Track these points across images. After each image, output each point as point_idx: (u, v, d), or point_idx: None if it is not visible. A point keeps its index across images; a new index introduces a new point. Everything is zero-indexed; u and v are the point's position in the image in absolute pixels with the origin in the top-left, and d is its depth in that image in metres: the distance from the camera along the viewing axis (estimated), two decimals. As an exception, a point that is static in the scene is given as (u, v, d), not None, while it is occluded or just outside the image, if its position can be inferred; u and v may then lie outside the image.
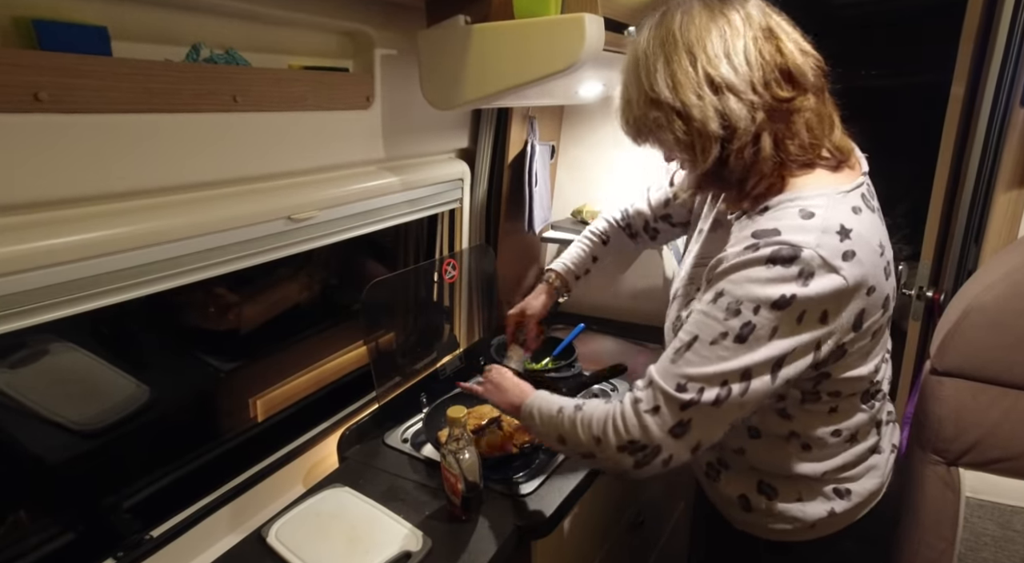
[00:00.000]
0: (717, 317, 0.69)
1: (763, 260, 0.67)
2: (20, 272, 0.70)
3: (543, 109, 1.61)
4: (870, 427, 0.85)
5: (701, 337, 0.70)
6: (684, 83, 0.70)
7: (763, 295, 0.67)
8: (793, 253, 0.66)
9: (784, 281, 0.66)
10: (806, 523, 0.84)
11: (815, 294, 0.66)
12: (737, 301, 0.68)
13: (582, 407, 0.80)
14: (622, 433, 0.73)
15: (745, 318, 0.67)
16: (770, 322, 0.67)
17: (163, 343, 1.19)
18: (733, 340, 0.68)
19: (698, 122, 0.70)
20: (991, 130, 1.27)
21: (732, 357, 0.68)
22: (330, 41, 1.09)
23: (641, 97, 0.74)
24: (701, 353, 0.70)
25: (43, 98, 0.66)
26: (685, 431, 0.71)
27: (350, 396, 1.39)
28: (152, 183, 0.83)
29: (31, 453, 0.97)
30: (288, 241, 1.05)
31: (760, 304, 0.67)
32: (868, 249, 0.70)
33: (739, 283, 0.68)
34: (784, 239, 0.68)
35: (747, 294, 0.68)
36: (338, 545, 0.93)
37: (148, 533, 0.98)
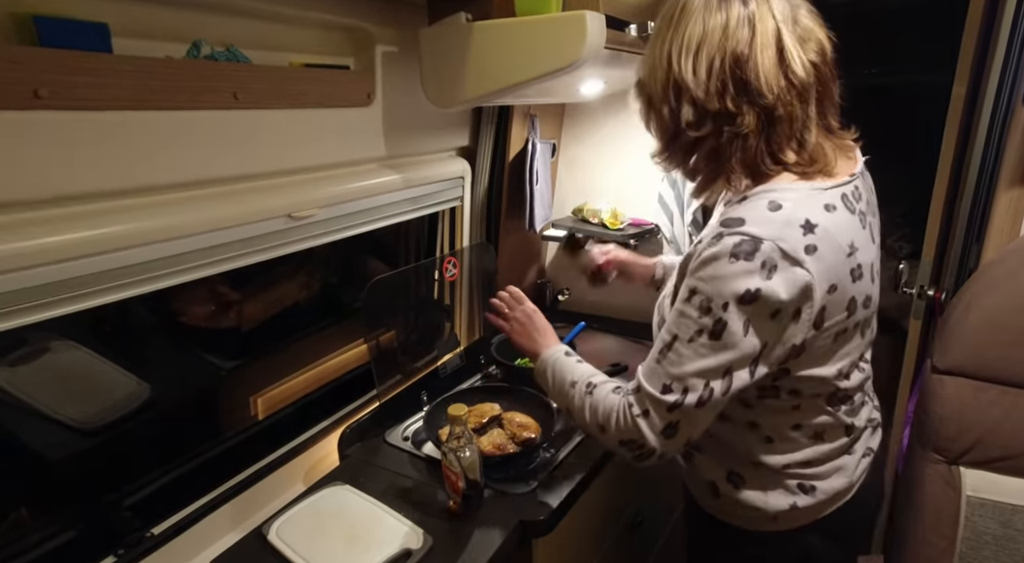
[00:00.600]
0: (692, 316, 0.71)
1: (727, 254, 0.68)
2: (20, 269, 0.70)
3: (544, 107, 1.61)
4: (838, 430, 0.84)
5: (680, 336, 0.72)
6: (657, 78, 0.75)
7: (728, 291, 0.68)
8: (753, 246, 0.67)
9: (748, 274, 0.67)
10: (767, 514, 0.85)
11: (783, 289, 0.67)
12: (708, 298, 0.70)
13: (592, 391, 0.82)
14: (622, 430, 0.76)
15: (716, 315, 0.69)
16: (741, 317, 0.68)
17: (164, 341, 1.19)
18: (709, 337, 0.70)
19: (655, 112, 0.77)
20: (993, 128, 1.27)
21: (710, 354, 0.70)
22: (331, 38, 1.08)
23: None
24: (681, 352, 0.72)
25: (43, 95, 0.66)
26: (675, 432, 0.74)
27: (351, 394, 1.39)
28: (152, 181, 0.83)
29: (32, 450, 0.97)
30: (289, 239, 1.05)
31: (728, 300, 0.68)
32: (833, 246, 0.71)
33: (707, 280, 0.70)
34: (746, 230, 0.69)
35: (715, 290, 0.69)
36: (339, 543, 0.93)
37: (149, 531, 0.98)
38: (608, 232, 1.60)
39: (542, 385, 0.92)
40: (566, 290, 1.85)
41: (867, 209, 0.80)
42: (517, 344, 1.01)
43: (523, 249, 1.79)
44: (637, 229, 1.61)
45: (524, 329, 1.00)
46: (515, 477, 1.08)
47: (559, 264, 1.89)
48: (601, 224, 1.63)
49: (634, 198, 1.67)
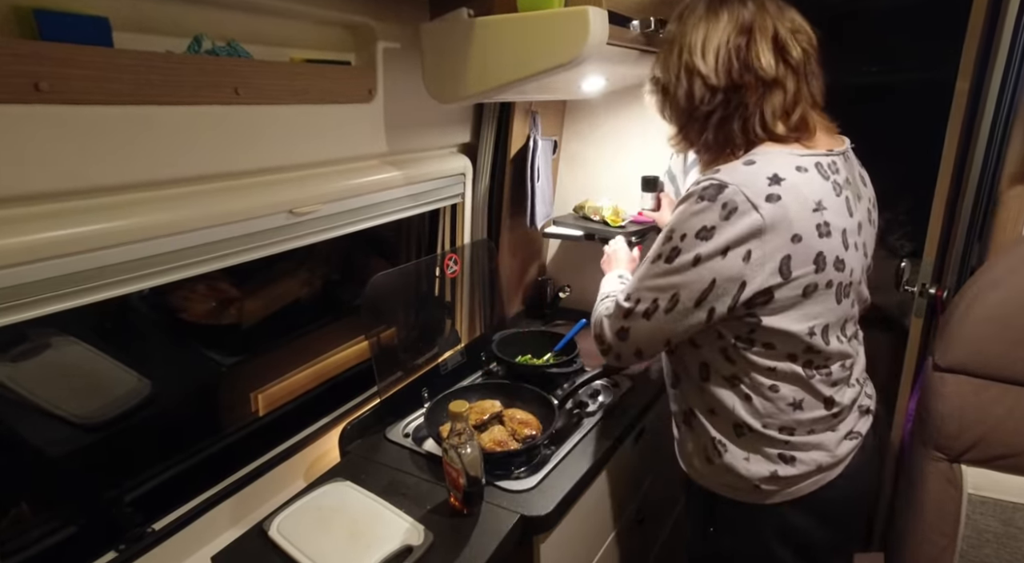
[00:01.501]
0: (659, 243, 0.84)
1: (696, 195, 0.79)
2: (22, 264, 0.70)
3: (546, 104, 1.61)
4: (817, 398, 0.88)
5: (648, 259, 0.85)
6: (670, 61, 0.87)
7: (688, 225, 0.79)
8: (718, 190, 0.77)
9: (706, 213, 0.78)
10: (750, 482, 0.89)
11: (735, 229, 0.76)
12: (671, 230, 0.82)
13: (604, 300, 0.98)
14: (594, 326, 0.95)
15: (674, 243, 0.81)
16: (693, 249, 0.79)
17: (165, 337, 1.19)
18: (664, 261, 0.82)
19: (670, 94, 0.88)
20: (996, 125, 1.26)
21: (661, 275, 0.83)
22: (332, 34, 1.08)
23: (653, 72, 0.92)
24: (643, 271, 0.86)
25: (44, 89, 0.66)
26: (626, 336, 0.88)
27: (351, 391, 1.39)
28: (153, 176, 0.83)
29: (33, 446, 0.97)
30: (290, 235, 1.05)
31: (686, 232, 0.79)
32: (798, 199, 0.78)
33: (676, 215, 0.82)
34: (716, 177, 0.79)
35: (678, 223, 0.81)
36: (340, 539, 0.93)
37: (150, 526, 0.98)
38: (609, 229, 1.59)
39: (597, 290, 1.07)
40: (567, 287, 1.85)
41: (845, 185, 0.86)
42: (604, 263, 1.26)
43: (524, 246, 1.78)
44: (638, 226, 1.61)
45: (610, 259, 1.24)
46: (516, 474, 1.08)
47: (560, 261, 1.89)
48: (602, 221, 1.63)
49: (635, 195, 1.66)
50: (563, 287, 1.86)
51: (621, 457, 1.25)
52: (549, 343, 1.48)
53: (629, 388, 1.36)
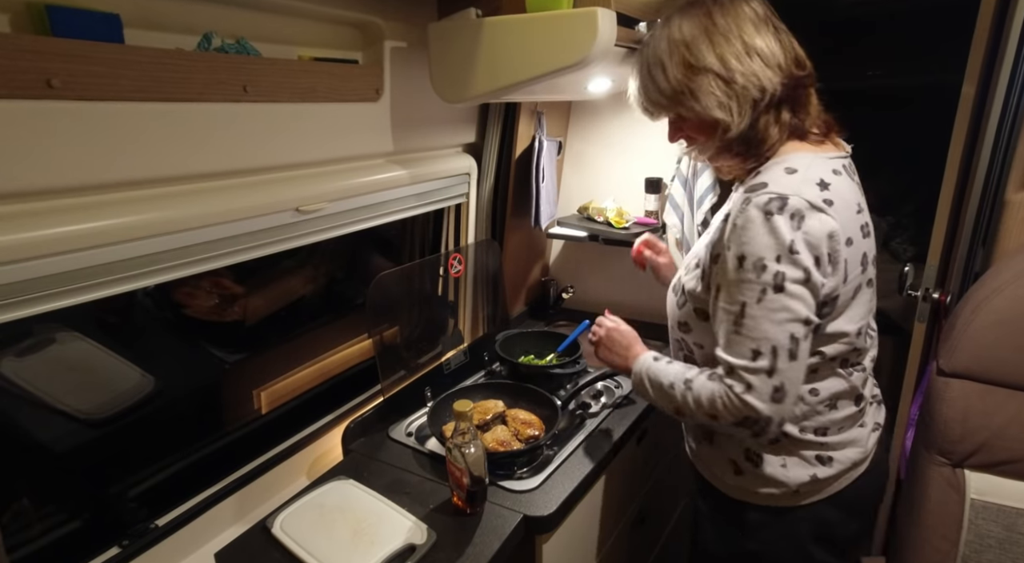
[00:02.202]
0: (750, 278, 0.75)
1: (760, 214, 0.75)
2: (30, 259, 0.70)
3: (551, 104, 1.61)
4: (850, 397, 0.89)
5: (748, 302, 0.76)
6: (729, 53, 0.80)
7: (774, 245, 0.74)
8: (782, 202, 0.75)
9: (784, 227, 0.74)
10: (789, 488, 0.88)
11: (812, 234, 0.75)
12: (759, 258, 0.75)
13: (691, 385, 0.85)
14: (732, 413, 0.79)
15: (773, 270, 0.74)
16: (794, 266, 0.74)
17: (169, 334, 1.19)
18: (774, 292, 0.75)
19: (739, 85, 0.80)
20: (1002, 129, 1.26)
21: (782, 308, 0.75)
22: (340, 32, 1.08)
23: (679, 69, 0.82)
24: (755, 315, 0.76)
25: (55, 85, 0.66)
26: (782, 394, 0.77)
27: (355, 389, 1.39)
28: (162, 172, 0.83)
29: (38, 441, 0.97)
30: (296, 233, 1.05)
31: (777, 253, 0.74)
32: (845, 203, 0.79)
33: (750, 242, 0.75)
34: (771, 190, 0.76)
35: (762, 247, 0.75)
36: (343, 537, 0.93)
37: (153, 522, 0.98)
38: (614, 231, 1.59)
39: (643, 396, 0.94)
40: (570, 288, 1.85)
41: (859, 181, 0.88)
42: (609, 364, 1.05)
43: (528, 246, 1.79)
44: (642, 228, 1.61)
45: (608, 348, 1.04)
46: (519, 474, 1.08)
47: (564, 262, 1.89)
48: (606, 222, 1.63)
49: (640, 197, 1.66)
50: (567, 287, 1.86)
51: (623, 458, 1.25)
52: (552, 343, 1.48)
53: (632, 389, 1.36)
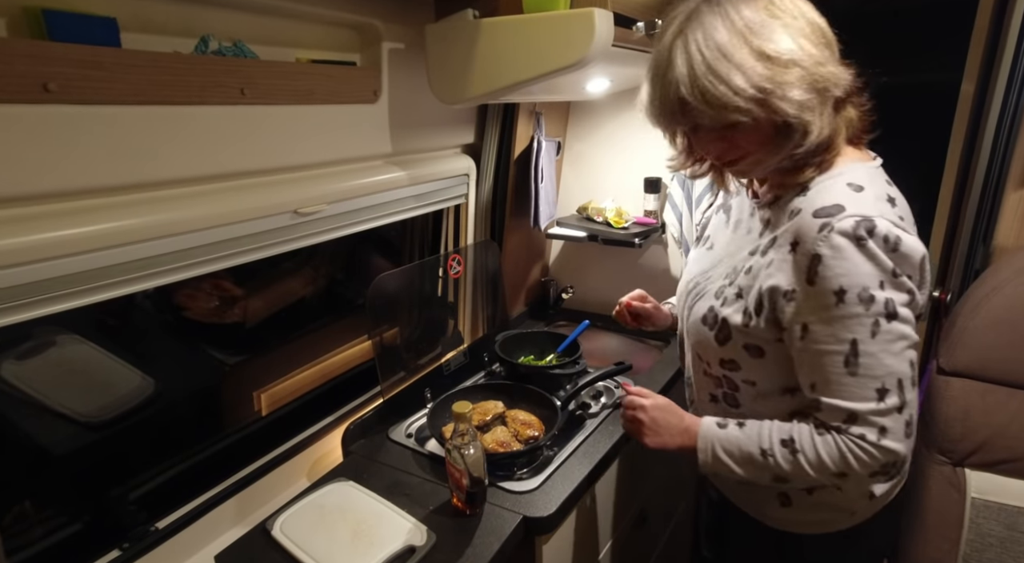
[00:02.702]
0: (858, 312, 0.69)
1: (851, 241, 0.68)
2: (29, 263, 0.70)
3: (550, 105, 1.61)
4: None
5: (859, 338, 0.70)
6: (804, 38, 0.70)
7: (877, 273, 0.69)
8: (870, 225, 0.68)
9: (881, 251, 0.68)
10: (847, 510, 0.85)
11: (909, 255, 0.69)
12: (863, 289, 0.68)
13: (798, 447, 0.76)
14: (870, 464, 0.72)
15: (881, 297, 0.69)
16: (899, 290, 0.70)
17: (168, 336, 1.19)
18: (887, 321, 0.69)
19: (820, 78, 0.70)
20: (1001, 127, 1.26)
21: (897, 336, 0.70)
22: (338, 34, 1.08)
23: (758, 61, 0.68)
24: (871, 351, 0.69)
25: (52, 89, 0.66)
26: (913, 428, 0.72)
27: (354, 391, 1.39)
28: (159, 176, 0.83)
29: (38, 444, 0.97)
30: (295, 235, 1.05)
31: (883, 281, 0.69)
32: (908, 216, 0.76)
33: (850, 274, 0.69)
34: (853, 213, 0.69)
35: (864, 277, 0.68)
36: (343, 539, 0.93)
37: (154, 525, 0.98)
38: (613, 231, 1.59)
39: (723, 473, 0.82)
40: (570, 288, 1.85)
41: None
42: (661, 447, 0.89)
43: (528, 247, 1.79)
44: (642, 228, 1.61)
45: (656, 431, 0.89)
46: (519, 475, 1.08)
47: (563, 262, 1.89)
48: (605, 222, 1.63)
49: (639, 196, 1.66)
50: (566, 288, 1.86)
51: (624, 459, 1.25)
52: (552, 344, 1.48)
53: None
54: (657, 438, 0.89)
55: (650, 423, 0.90)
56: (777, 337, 0.78)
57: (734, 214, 0.93)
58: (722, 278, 0.86)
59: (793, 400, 0.81)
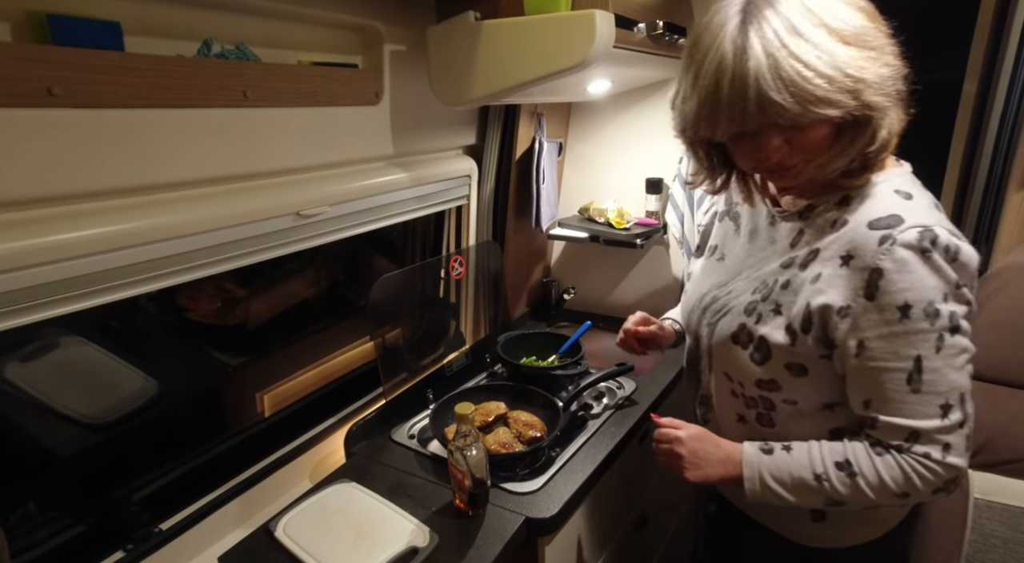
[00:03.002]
0: (923, 328, 0.66)
1: (916, 253, 0.65)
2: (33, 266, 0.70)
3: (551, 106, 1.61)
4: None
5: (924, 354, 0.67)
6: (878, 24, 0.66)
7: (942, 285, 0.66)
8: (932, 236, 0.66)
9: (944, 262, 0.66)
10: (880, 519, 0.83)
11: (968, 265, 0.67)
12: (928, 303, 0.66)
13: (854, 469, 0.72)
14: (935, 482, 0.70)
15: (945, 311, 0.66)
16: (959, 301, 0.67)
17: (171, 337, 1.20)
18: (951, 334, 0.67)
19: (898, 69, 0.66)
20: (1003, 127, 1.26)
21: (959, 350, 0.68)
22: (340, 37, 1.09)
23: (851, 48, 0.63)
24: (936, 367, 0.67)
25: (56, 93, 0.67)
26: (971, 440, 0.70)
27: (357, 392, 1.39)
28: (162, 178, 0.83)
29: (42, 446, 0.97)
30: (297, 237, 1.05)
31: (946, 293, 0.66)
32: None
33: (915, 289, 0.66)
34: (914, 223, 0.66)
35: (930, 290, 0.66)
36: (345, 540, 0.93)
37: (158, 526, 0.99)
38: (614, 231, 1.60)
39: (772, 501, 0.77)
40: (572, 289, 1.85)
41: None
42: (704, 481, 0.83)
43: (529, 248, 1.79)
44: (644, 229, 1.61)
45: (697, 465, 0.83)
46: (521, 476, 1.08)
47: (565, 263, 1.89)
48: (607, 223, 1.63)
49: (641, 197, 1.66)
50: (568, 288, 1.86)
51: (626, 459, 1.25)
52: (554, 345, 1.48)
53: (634, 390, 1.36)
54: (699, 471, 0.82)
55: (689, 456, 0.83)
56: (823, 354, 0.74)
57: (745, 222, 0.88)
58: (749, 293, 0.81)
59: (832, 416, 0.78)
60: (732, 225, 0.91)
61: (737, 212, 0.91)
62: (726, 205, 0.95)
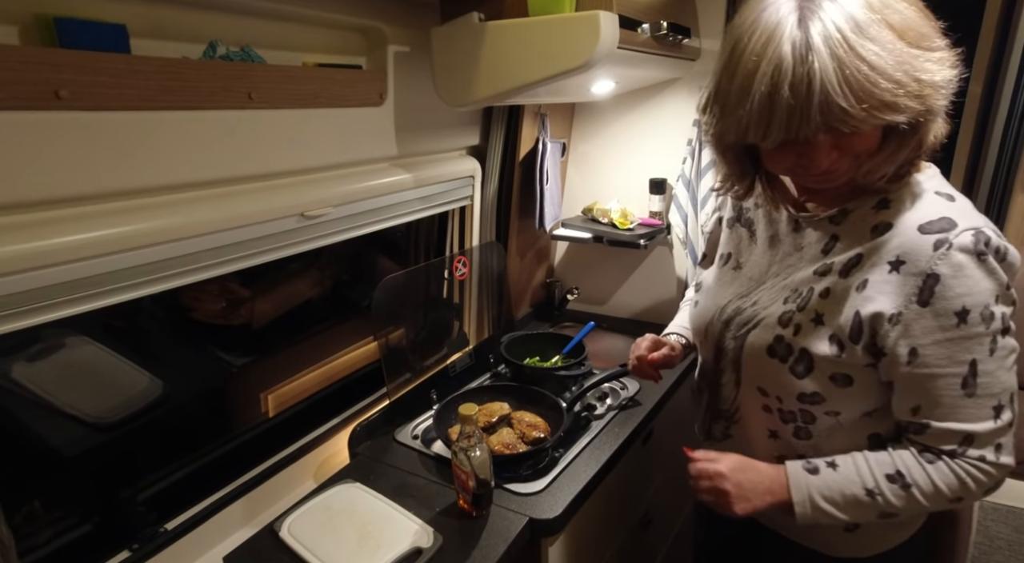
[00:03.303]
0: (980, 332, 0.66)
1: (971, 256, 0.65)
2: (42, 268, 0.71)
3: (555, 106, 1.61)
4: None
5: (979, 358, 0.66)
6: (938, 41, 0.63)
7: (996, 288, 0.66)
8: (984, 238, 0.65)
9: (997, 265, 0.66)
10: (914, 522, 0.83)
11: (1012, 265, 0.67)
12: (984, 306, 0.65)
13: (907, 481, 0.71)
14: (987, 484, 0.70)
15: (998, 313, 0.66)
16: (1007, 302, 0.67)
17: (176, 337, 1.20)
18: (1003, 335, 0.67)
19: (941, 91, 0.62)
20: (1009, 128, 1.25)
21: (1009, 351, 0.68)
22: (344, 38, 1.09)
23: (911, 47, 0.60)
24: (990, 370, 0.67)
25: (63, 95, 0.67)
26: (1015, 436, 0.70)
27: (361, 392, 1.39)
28: (168, 180, 0.84)
29: (48, 445, 0.98)
30: (301, 238, 1.06)
31: (999, 295, 0.66)
32: None
33: (973, 293, 0.65)
34: (966, 226, 0.66)
35: (986, 294, 0.65)
36: (350, 541, 0.93)
37: (163, 526, 0.99)
38: (618, 232, 1.59)
39: (823, 522, 0.74)
40: (575, 289, 1.85)
41: None
42: (752, 512, 0.78)
43: (533, 248, 1.79)
44: (647, 229, 1.61)
45: (745, 497, 0.77)
46: (525, 476, 1.08)
47: (569, 263, 1.89)
48: (611, 223, 1.63)
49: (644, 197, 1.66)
50: (571, 289, 1.86)
51: (629, 460, 1.25)
52: (557, 345, 1.48)
53: (637, 390, 1.36)
54: (747, 504, 0.77)
55: (735, 490, 0.77)
56: (869, 363, 0.72)
57: (762, 229, 0.84)
58: (780, 302, 0.77)
59: (871, 422, 0.76)
60: (745, 231, 0.87)
61: (750, 218, 0.87)
62: (734, 211, 0.90)
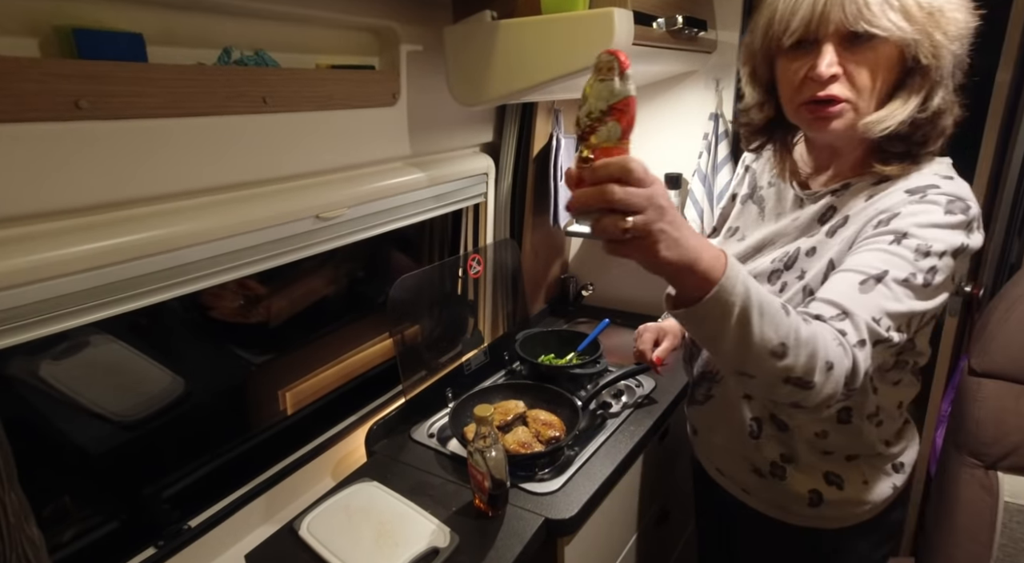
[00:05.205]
0: (907, 257, 0.68)
1: (943, 207, 0.69)
2: (65, 276, 0.72)
3: (569, 101, 1.59)
4: (912, 394, 0.88)
5: (892, 273, 0.67)
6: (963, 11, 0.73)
7: (948, 240, 0.69)
8: (965, 206, 0.70)
9: (961, 229, 0.69)
10: (876, 504, 0.86)
11: (972, 250, 0.71)
12: (927, 243, 0.68)
13: (808, 319, 0.64)
14: (846, 364, 0.63)
15: (932, 262, 0.68)
16: (947, 269, 0.69)
17: (196, 336, 1.22)
18: (921, 284, 0.68)
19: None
20: (1040, 120, 1.21)
21: (918, 299, 0.68)
22: (356, 39, 1.09)
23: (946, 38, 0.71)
24: (893, 289, 0.67)
25: (83, 106, 0.68)
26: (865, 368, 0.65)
27: (377, 389, 1.41)
28: (186, 185, 0.84)
29: (75, 443, 1.00)
30: (317, 239, 1.06)
31: (946, 250, 0.68)
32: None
33: (925, 227, 0.69)
34: (952, 192, 0.70)
35: (935, 237, 0.68)
36: (368, 540, 0.95)
37: (187, 523, 1.01)
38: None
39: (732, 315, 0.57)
40: (590, 285, 1.85)
41: None
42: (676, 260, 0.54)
43: (547, 244, 1.78)
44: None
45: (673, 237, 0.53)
46: (540, 476, 1.09)
47: (583, 259, 1.88)
48: (626, 219, 1.61)
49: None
50: (586, 285, 1.85)
51: (645, 457, 1.25)
52: (572, 342, 1.48)
53: (653, 388, 1.35)
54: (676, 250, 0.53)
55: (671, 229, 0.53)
56: None
57: (771, 207, 0.90)
58: (768, 262, 0.84)
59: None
60: (756, 208, 0.93)
61: (762, 196, 0.93)
62: (749, 188, 0.96)
